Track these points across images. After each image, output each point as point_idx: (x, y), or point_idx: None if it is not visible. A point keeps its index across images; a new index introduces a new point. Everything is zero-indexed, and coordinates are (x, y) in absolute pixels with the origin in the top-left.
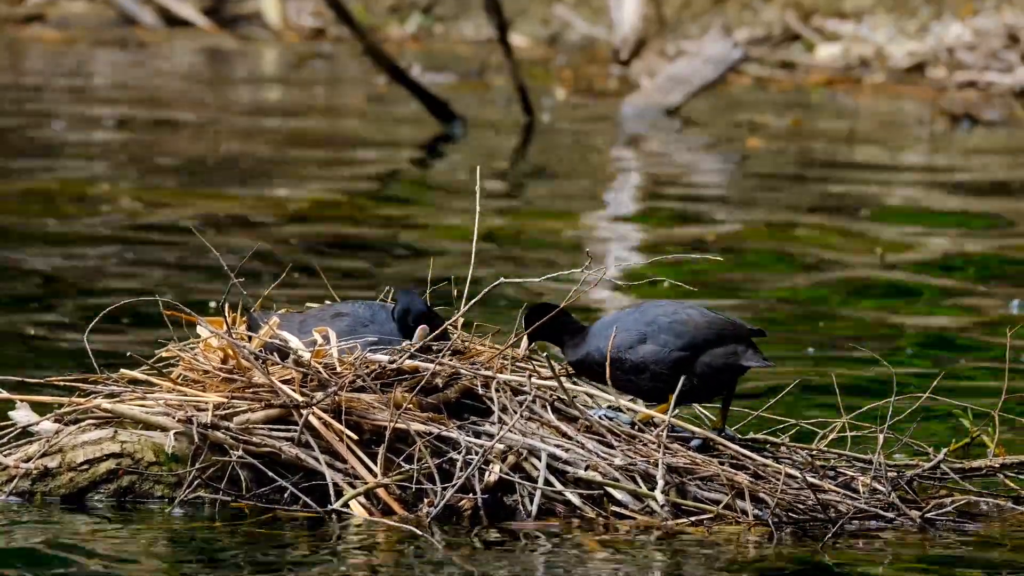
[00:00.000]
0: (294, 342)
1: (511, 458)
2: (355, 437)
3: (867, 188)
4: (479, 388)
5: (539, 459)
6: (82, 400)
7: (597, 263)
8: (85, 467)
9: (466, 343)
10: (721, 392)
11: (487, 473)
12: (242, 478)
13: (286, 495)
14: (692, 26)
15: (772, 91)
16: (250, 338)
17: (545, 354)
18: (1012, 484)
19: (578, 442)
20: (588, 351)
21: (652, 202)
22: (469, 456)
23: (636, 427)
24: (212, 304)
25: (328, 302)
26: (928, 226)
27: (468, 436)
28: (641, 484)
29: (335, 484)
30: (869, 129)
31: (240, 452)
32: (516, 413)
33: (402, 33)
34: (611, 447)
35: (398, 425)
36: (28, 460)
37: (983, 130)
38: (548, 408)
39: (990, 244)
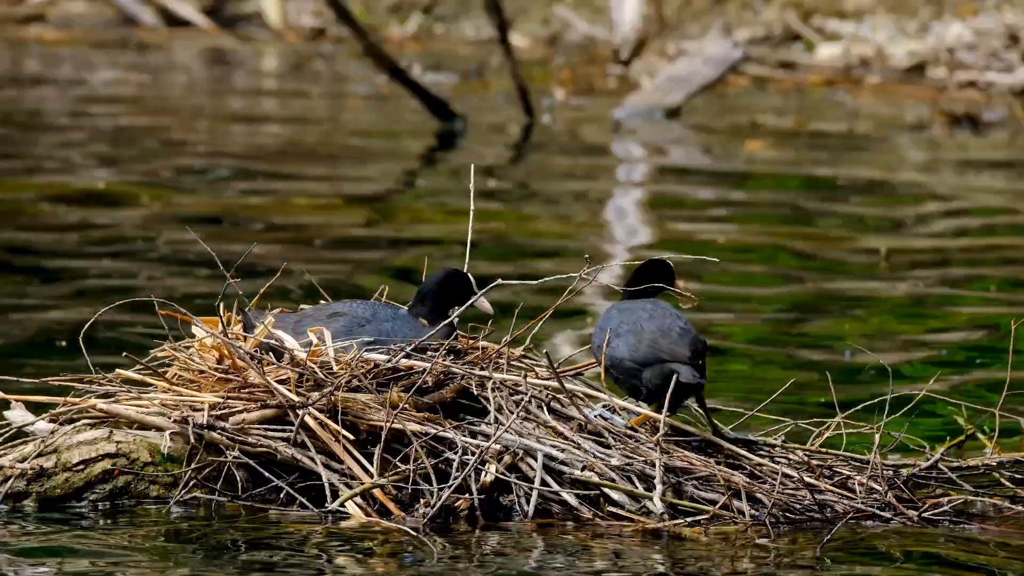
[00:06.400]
0: (290, 342)
1: (507, 458)
2: (351, 437)
3: (868, 188)
4: (474, 388)
5: (535, 459)
6: (77, 400)
7: (595, 264)
8: (80, 467)
9: (466, 341)
10: (679, 399)
11: (483, 473)
12: (238, 478)
13: (282, 495)
14: (692, 26)
15: (772, 91)
16: (246, 338)
17: (545, 351)
18: (1008, 483)
19: (575, 442)
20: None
21: (651, 202)
22: (465, 456)
23: (629, 428)
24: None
25: (323, 302)
26: (928, 225)
27: (464, 436)
28: (638, 484)
29: (331, 484)
30: (869, 129)
31: (236, 452)
32: (512, 413)
33: (402, 33)
34: (608, 447)
35: (394, 425)
36: (23, 460)
37: (982, 130)
38: (544, 408)
39: (990, 243)
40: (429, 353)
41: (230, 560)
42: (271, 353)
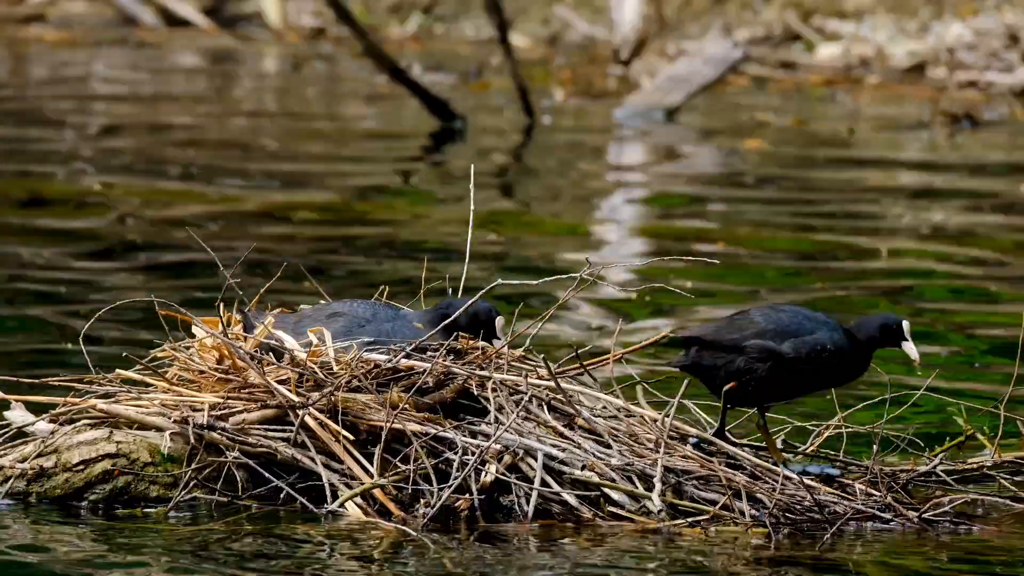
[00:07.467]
0: (290, 342)
1: (507, 458)
2: (351, 437)
3: (868, 188)
4: (475, 388)
5: (535, 459)
6: (78, 400)
7: (595, 265)
8: (80, 468)
9: (466, 342)
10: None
11: (483, 473)
12: (238, 479)
13: (282, 496)
14: (692, 26)
15: (772, 91)
16: (246, 338)
17: (542, 356)
18: (1008, 484)
19: (575, 442)
20: None
21: (651, 203)
22: (465, 456)
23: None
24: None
25: (323, 302)
26: (929, 225)
27: (464, 436)
28: (638, 484)
29: (331, 485)
30: (869, 129)
31: (236, 453)
32: (512, 413)
33: (402, 33)
34: (608, 447)
35: (394, 425)
36: (23, 460)
37: (983, 130)
38: (544, 408)
39: (990, 243)
40: (429, 353)
41: (230, 560)
42: (271, 353)
